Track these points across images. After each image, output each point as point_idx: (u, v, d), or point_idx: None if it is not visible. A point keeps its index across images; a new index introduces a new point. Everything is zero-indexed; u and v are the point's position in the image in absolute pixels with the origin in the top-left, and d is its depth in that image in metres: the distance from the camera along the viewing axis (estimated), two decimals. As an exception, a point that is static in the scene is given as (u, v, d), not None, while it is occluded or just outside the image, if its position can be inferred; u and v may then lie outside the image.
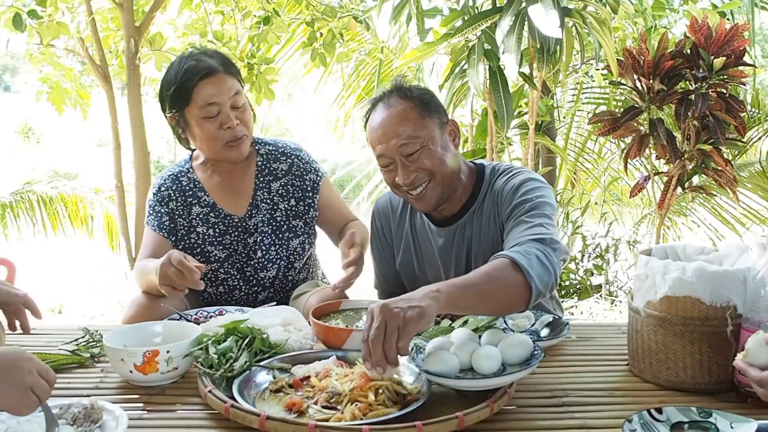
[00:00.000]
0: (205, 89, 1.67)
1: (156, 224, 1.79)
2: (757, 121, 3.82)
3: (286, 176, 1.83)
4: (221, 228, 1.79)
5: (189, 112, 1.71)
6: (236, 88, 1.72)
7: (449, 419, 1.04)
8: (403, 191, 1.57)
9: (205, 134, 1.71)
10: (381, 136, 1.53)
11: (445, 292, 1.15)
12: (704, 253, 1.37)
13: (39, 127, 17.03)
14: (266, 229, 1.79)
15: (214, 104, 1.68)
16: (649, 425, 1.05)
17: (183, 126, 1.75)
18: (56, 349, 1.41)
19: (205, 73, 1.67)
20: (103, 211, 5.13)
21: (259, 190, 1.81)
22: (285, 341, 1.32)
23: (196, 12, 4.02)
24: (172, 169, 1.87)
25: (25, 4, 3.33)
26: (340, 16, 3.70)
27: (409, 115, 1.52)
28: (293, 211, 1.82)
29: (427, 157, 1.52)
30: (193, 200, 1.80)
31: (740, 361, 1.08)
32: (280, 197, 1.82)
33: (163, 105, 1.76)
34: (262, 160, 1.83)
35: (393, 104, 1.54)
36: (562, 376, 1.31)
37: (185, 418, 1.14)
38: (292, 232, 1.81)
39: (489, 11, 2.61)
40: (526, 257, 1.28)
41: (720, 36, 2.47)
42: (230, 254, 1.79)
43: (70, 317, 4.80)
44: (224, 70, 1.71)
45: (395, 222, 1.75)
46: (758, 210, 4.15)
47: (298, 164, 1.84)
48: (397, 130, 1.51)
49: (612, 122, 2.69)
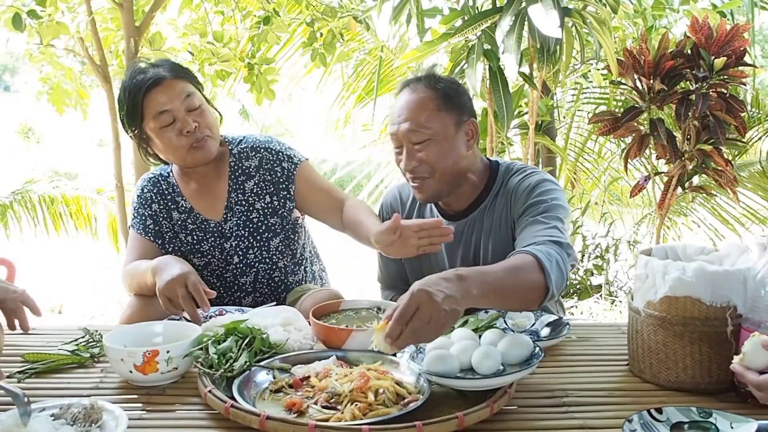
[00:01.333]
0: (155, 99, 1.63)
1: (141, 227, 1.79)
2: (757, 121, 3.82)
3: (258, 172, 1.77)
4: (198, 235, 1.77)
5: (146, 126, 1.68)
6: (188, 91, 1.67)
7: (449, 419, 1.04)
8: (407, 177, 1.60)
9: (166, 144, 1.67)
10: (396, 118, 1.56)
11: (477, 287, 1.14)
12: (704, 253, 1.37)
13: (39, 127, 17.03)
14: (242, 233, 1.75)
15: (166, 112, 1.64)
16: (649, 425, 1.05)
17: (146, 142, 1.72)
18: (56, 349, 1.41)
19: (151, 83, 1.63)
20: (106, 211, 5.13)
21: (233, 191, 1.76)
22: (285, 341, 1.32)
23: (196, 12, 4.02)
24: (153, 171, 1.84)
25: (24, 4, 3.33)
26: (340, 16, 3.70)
27: (427, 105, 1.53)
28: (270, 208, 1.76)
29: (432, 151, 1.53)
30: (172, 205, 1.79)
31: (737, 365, 1.08)
32: (255, 196, 1.76)
33: (123, 124, 1.73)
34: (235, 160, 1.78)
35: (417, 90, 1.56)
36: (562, 376, 1.31)
37: (185, 418, 1.14)
38: (270, 232, 1.77)
39: (489, 11, 2.61)
40: (548, 258, 1.30)
41: (720, 36, 2.47)
42: (209, 262, 1.77)
43: (70, 317, 4.80)
44: (172, 76, 1.66)
45: (404, 214, 1.76)
46: (758, 210, 4.15)
47: (268, 157, 1.78)
48: (410, 116, 1.53)
49: (612, 122, 2.68)
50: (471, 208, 1.65)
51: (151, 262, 1.59)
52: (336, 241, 2.14)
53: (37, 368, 1.33)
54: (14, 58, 17.45)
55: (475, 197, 1.65)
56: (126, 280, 1.72)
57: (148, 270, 1.57)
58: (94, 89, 5.01)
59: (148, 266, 1.58)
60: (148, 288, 1.58)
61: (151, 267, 1.57)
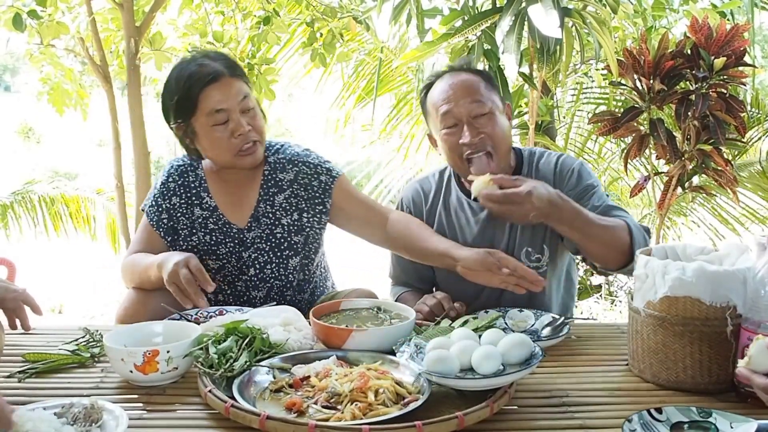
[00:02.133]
0: (212, 95, 1.58)
1: (155, 219, 1.72)
2: (757, 121, 3.82)
3: (291, 186, 1.71)
4: (218, 236, 1.71)
5: (196, 122, 1.62)
6: (244, 92, 1.62)
7: (449, 419, 1.04)
8: (465, 155, 1.61)
9: (215, 144, 1.62)
10: (451, 96, 1.61)
11: (570, 212, 1.46)
12: (704, 253, 1.37)
13: (39, 127, 17.03)
14: (263, 246, 1.70)
15: (222, 111, 1.59)
16: (649, 425, 1.06)
17: (191, 136, 1.66)
18: (56, 349, 1.41)
19: (210, 79, 1.58)
20: (105, 211, 5.13)
21: (263, 202, 1.71)
22: (285, 341, 1.32)
23: (196, 12, 4.02)
24: (183, 159, 1.77)
25: (25, 4, 3.33)
26: (340, 17, 3.70)
27: (479, 85, 1.64)
28: (295, 226, 1.71)
29: (491, 124, 1.61)
30: (195, 200, 1.73)
31: (743, 368, 1.07)
32: (284, 211, 1.71)
33: (167, 115, 1.67)
34: (270, 170, 1.73)
35: (462, 74, 1.66)
36: (562, 376, 1.31)
37: (185, 418, 1.14)
38: (292, 250, 1.71)
39: (489, 11, 2.61)
40: (637, 230, 1.53)
41: (720, 36, 2.47)
42: (222, 266, 1.72)
43: (71, 317, 4.80)
44: (230, 74, 1.61)
45: (427, 206, 1.78)
46: (758, 210, 4.15)
47: (305, 171, 1.72)
48: (468, 92, 1.61)
49: (612, 122, 2.68)
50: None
51: (156, 258, 1.56)
52: (335, 243, 2.13)
53: (37, 368, 1.33)
54: (14, 58, 17.45)
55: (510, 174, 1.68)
56: (126, 271, 1.68)
57: (153, 265, 1.54)
58: (94, 89, 5.02)
59: (153, 261, 1.55)
60: (150, 283, 1.56)
61: (156, 262, 1.54)
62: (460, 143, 1.60)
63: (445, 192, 1.78)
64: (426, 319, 1.53)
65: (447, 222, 1.76)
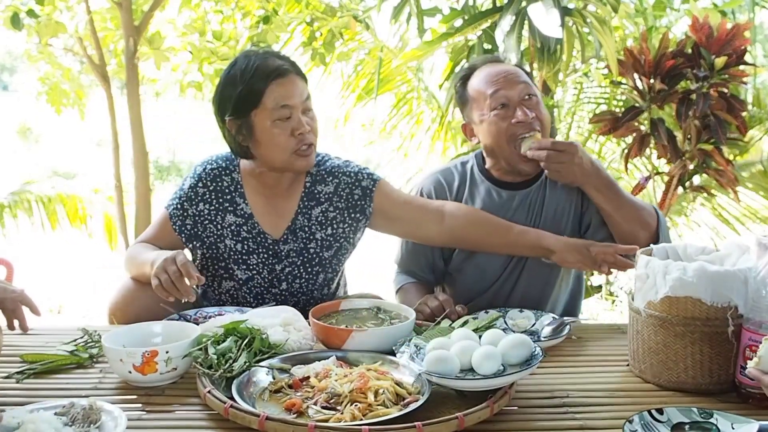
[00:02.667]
0: (278, 90, 1.54)
1: (177, 224, 1.67)
2: (758, 120, 3.81)
3: (330, 200, 1.67)
4: (250, 246, 1.65)
5: (257, 116, 1.55)
6: (307, 92, 1.60)
7: (449, 419, 1.03)
8: (518, 134, 1.65)
9: (274, 140, 1.55)
10: (501, 80, 1.68)
11: (605, 179, 1.62)
12: (705, 253, 1.36)
13: (37, 126, 17.00)
14: (296, 260, 1.66)
15: (286, 107, 1.54)
16: (650, 426, 1.05)
17: (246, 132, 1.58)
18: (55, 350, 1.41)
19: (277, 74, 1.54)
20: (102, 211, 5.12)
21: (301, 214, 1.66)
22: (285, 341, 1.32)
23: (195, 11, 4.02)
24: (218, 160, 1.70)
25: (23, 3, 3.33)
26: (339, 16, 3.70)
27: (521, 72, 1.72)
28: (327, 242, 1.67)
29: (539, 107, 1.69)
30: (229, 207, 1.66)
31: (754, 369, 1.06)
32: (319, 225, 1.66)
33: (223, 107, 1.59)
34: (311, 182, 1.68)
35: (501, 64, 1.75)
36: (563, 376, 1.30)
37: (184, 418, 1.14)
38: (321, 266, 1.68)
39: (489, 10, 2.61)
40: (664, 219, 1.68)
41: (721, 35, 2.46)
42: (252, 277, 1.66)
43: (69, 317, 4.79)
44: (295, 72, 1.59)
45: (451, 196, 1.79)
46: (759, 209, 4.14)
47: (346, 181, 1.68)
48: (516, 76, 1.69)
49: (613, 122, 2.68)
50: (531, 180, 1.75)
51: (151, 255, 1.53)
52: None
53: (35, 368, 1.33)
54: (13, 57, 17.42)
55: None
56: (128, 261, 1.65)
57: (147, 263, 1.51)
58: (92, 89, 5.01)
59: (148, 259, 1.52)
60: (145, 277, 1.52)
61: (150, 260, 1.51)
62: (514, 123, 1.65)
63: (471, 183, 1.79)
64: (426, 320, 1.52)
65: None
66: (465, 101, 1.76)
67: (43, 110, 4.89)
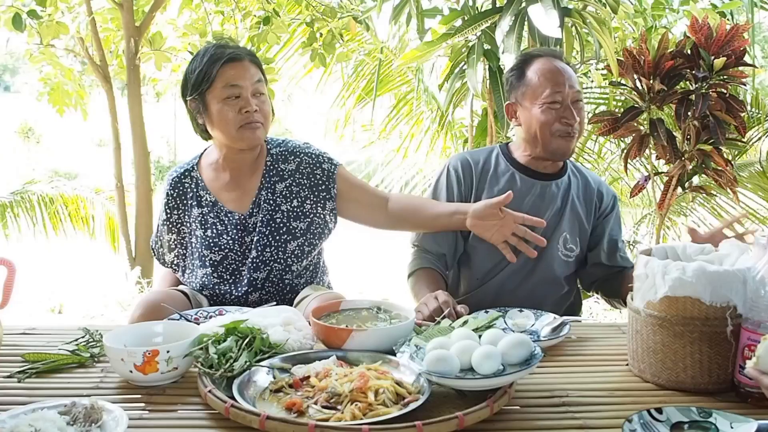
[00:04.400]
0: (228, 72, 1.72)
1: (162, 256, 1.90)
2: (757, 121, 3.81)
3: (293, 176, 1.81)
4: (219, 228, 1.78)
5: (210, 94, 1.73)
6: (259, 77, 1.76)
7: (449, 419, 1.04)
8: (562, 132, 1.80)
9: (223, 117, 1.72)
10: (561, 79, 1.81)
11: None
12: (704, 253, 1.37)
13: (39, 127, 17.01)
14: (264, 230, 1.78)
15: (236, 86, 1.71)
16: (649, 425, 1.05)
17: (202, 110, 1.77)
18: (56, 349, 1.41)
19: (229, 58, 1.72)
20: (103, 211, 5.13)
21: (264, 189, 1.80)
22: (285, 341, 1.32)
23: (196, 12, 4.02)
24: (178, 168, 1.89)
25: (25, 4, 3.33)
26: (339, 17, 3.70)
27: (575, 76, 1.85)
28: (295, 213, 1.80)
29: (582, 111, 1.84)
30: (193, 202, 1.81)
31: (752, 369, 1.07)
32: (283, 198, 1.80)
33: (185, 90, 1.79)
34: (272, 160, 1.83)
35: (561, 62, 1.85)
36: (562, 376, 1.31)
37: (185, 418, 1.14)
38: (290, 235, 1.79)
39: (489, 11, 2.61)
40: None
41: (720, 36, 2.47)
42: (225, 256, 1.78)
43: (70, 317, 4.80)
44: (249, 59, 1.75)
45: (477, 173, 1.91)
46: (758, 210, 4.15)
47: (307, 161, 1.83)
48: (573, 80, 1.83)
49: (612, 122, 2.68)
50: (558, 173, 1.90)
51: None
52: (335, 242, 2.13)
53: (37, 368, 1.33)
54: (14, 58, 17.44)
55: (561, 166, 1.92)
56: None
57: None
58: (94, 89, 5.01)
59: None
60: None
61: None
62: (564, 122, 1.79)
63: (495, 163, 1.92)
64: (426, 320, 1.53)
65: (498, 189, 1.87)
66: (520, 85, 1.87)
67: (44, 111, 4.89)
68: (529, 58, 1.88)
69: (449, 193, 1.90)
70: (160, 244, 1.90)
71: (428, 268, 1.87)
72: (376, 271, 3.69)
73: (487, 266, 1.87)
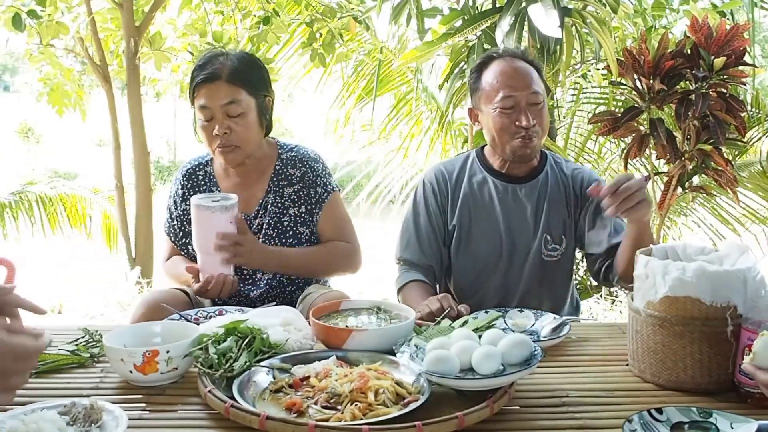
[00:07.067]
0: (203, 93, 1.72)
1: (172, 232, 1.90)
2: (757, 121, 3.81)
3: (299, 183, 1.83)
4: None
5: (195, 110, 1.78)
6: (233, 98, 1.71)
7: (449, 419, 1.04)
8: (519, 136, 1.73)
9: (202, 135, 1.78)
10: (514, 82, 1.73)
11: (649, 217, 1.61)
12: (704, 253, 1.37)
13: (38, 126, 17.01)
14: (270, 232, 1.80)
15: (206, 108, 1.72)
16: (650, 425, 1.05)
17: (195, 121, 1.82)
18: (56, 349, 1.41)
19: (203, 80, 1.72)
20: (101, 211, 5.13)
21: (272, 192, 1.82)
22: (285, 341, 1.32)
23: (195, 12, 4.02)
24: (194, 159, 1.92)
25: (24, 4, 3.33)
26: (339, 17, 3.70)
27: (534, 75, 1.76)
28: (302, 218, 1.82)
29: (542, 113, 1.74)
30: None
31: (748, 364, 1.07)
32: (291, 202, 1.82)
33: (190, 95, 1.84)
34: (281, 165, 1.85)
35: (518, 61, 1.77)
36: (563, 376, 1.31)
37: (185, 418, 1.14)
38: (296, 239, 1.81)
39: (489, 11, 2.61)
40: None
41: (720, 36, 2.46)
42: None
43: (70, 317, 4.79)
44: (227, 79, 1.71)
45: (451, 184, 1.88)
46: (758, 210, 4.15)
47: (309, 175, 1.84)
48: (528, 81, 1.73)
49: (612, 122, 2.68)
50: (530, 176, 1.84)
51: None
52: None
53: (37, 368, 1.33)
54: (14, 58, 17.44)
55: (534, 167, 1.85)
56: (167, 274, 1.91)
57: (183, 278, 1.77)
58: (94, 89, 5.01)
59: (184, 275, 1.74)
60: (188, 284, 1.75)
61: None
62: (518, 125, 1.73)
63: (470, 172, 1.88)
64: (426, 320, 1.53)
65: (472, 197, 1.85)
66: (477, 89, 1.82)
67: (44, 111, 4.89)
68: (487, 59, 1.82)
69: (427, 206, 1.87)
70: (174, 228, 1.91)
71: (418, 281, 1.82)
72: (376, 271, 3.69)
73: (469, 279, 1.84)
